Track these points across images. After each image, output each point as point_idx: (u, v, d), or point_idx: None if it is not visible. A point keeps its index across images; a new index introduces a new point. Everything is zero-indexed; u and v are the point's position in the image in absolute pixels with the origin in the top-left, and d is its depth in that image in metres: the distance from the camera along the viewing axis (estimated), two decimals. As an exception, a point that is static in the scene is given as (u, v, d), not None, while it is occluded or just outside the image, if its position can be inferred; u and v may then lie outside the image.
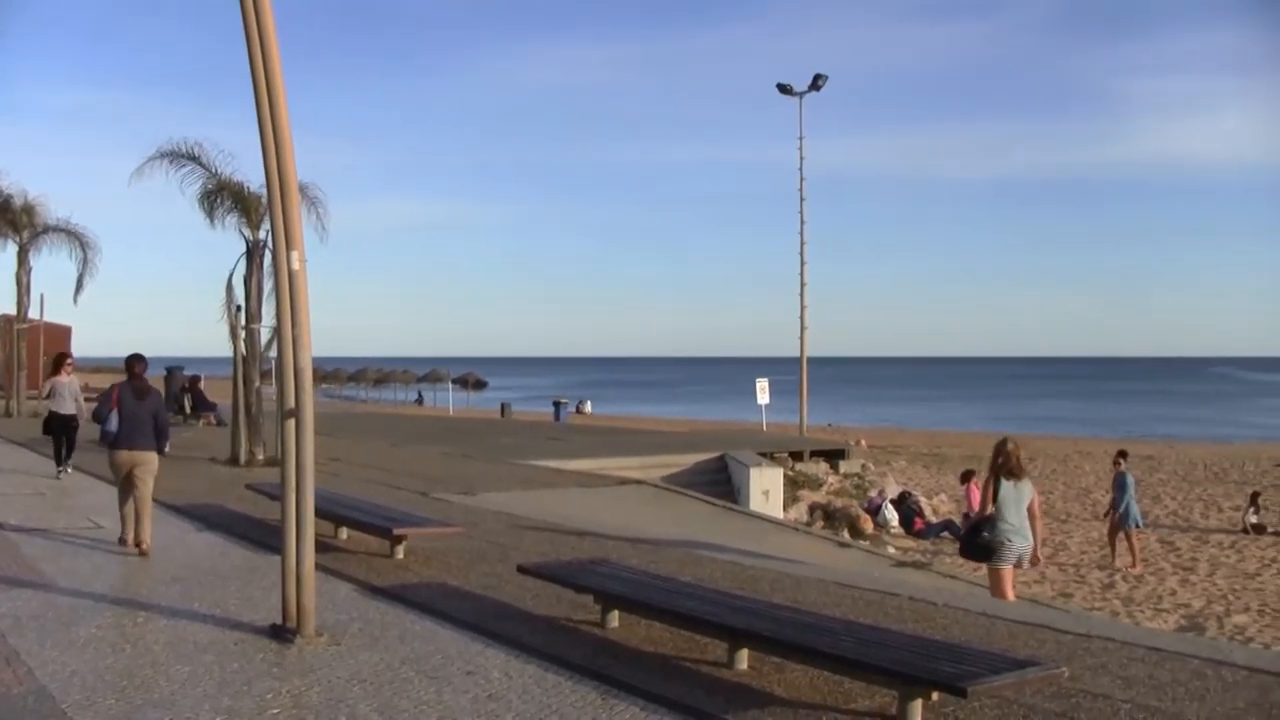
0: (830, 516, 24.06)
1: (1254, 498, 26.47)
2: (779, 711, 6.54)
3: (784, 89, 44.14)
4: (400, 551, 11.84)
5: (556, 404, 62.74)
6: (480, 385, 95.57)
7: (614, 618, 8.64)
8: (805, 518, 24.13)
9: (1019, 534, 11.84)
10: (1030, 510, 11.96)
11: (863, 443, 44.48)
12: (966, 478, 25.36)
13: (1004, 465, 11.95)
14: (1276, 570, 20.97)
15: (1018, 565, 12.09)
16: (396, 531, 11.79)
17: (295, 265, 8.25)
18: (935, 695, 6.28)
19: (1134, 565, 20.74)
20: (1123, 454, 21.89)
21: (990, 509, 11.88)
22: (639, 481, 22.32)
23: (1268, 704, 6.85)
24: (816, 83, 43.75)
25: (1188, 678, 7.45)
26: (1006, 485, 11.90)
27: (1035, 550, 12.09)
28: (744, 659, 7.45)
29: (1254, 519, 25.34)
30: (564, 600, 9.38)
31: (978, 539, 12.03)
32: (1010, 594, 11.97)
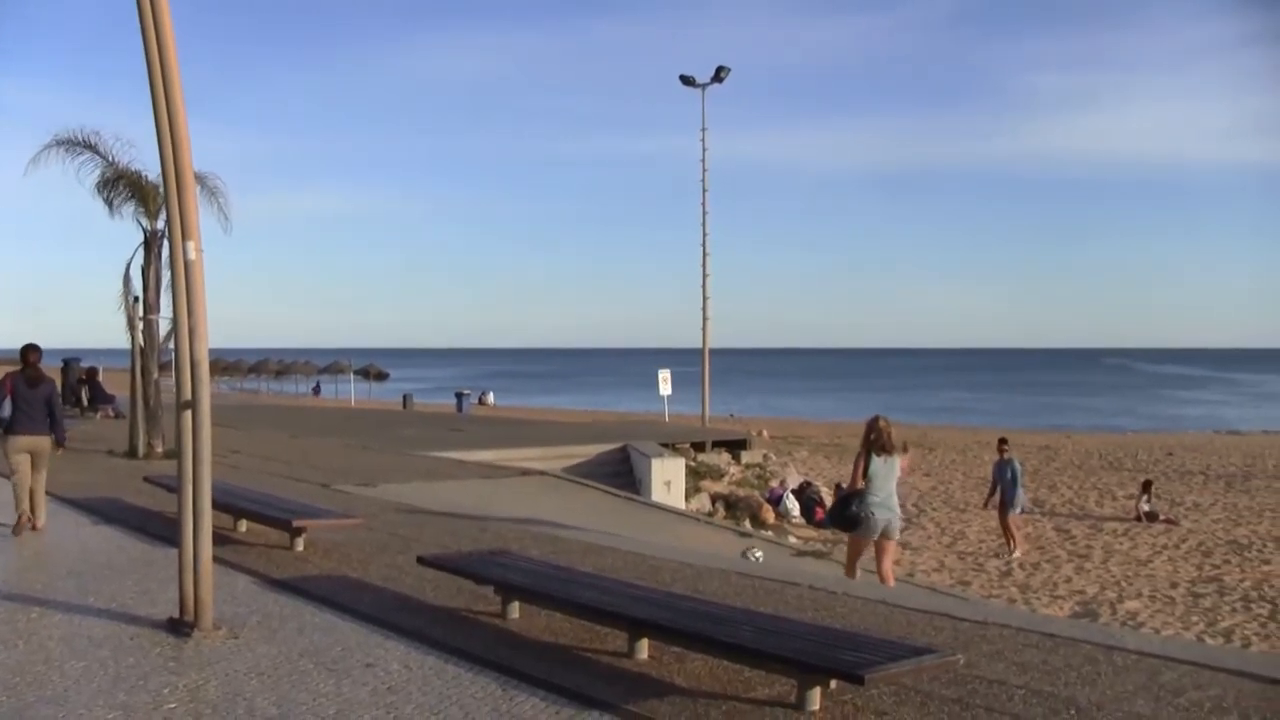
0: (732, 507, 24.18)
1: (1146, 486, 26.97)
2: (678, 701, 6.57)
3: (686, 80, 44.16)
4: (300, 544, 11.73)
5: (459, 395, 62.46)
6: (382, 377, 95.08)
7: (515, 609, 8.63)
8: (707, 508, 24.25)
9: (885, 507, 12.39)
10: (901, 479, 12.70)
11: (765, 433, 44.72)
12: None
13: (876, 441, 12.46)
14: (1167, 557, 21.39)
15: (884, 536, 12.56)
16: (296, 524, 11.69)
17: (192, 255, 8.15)
18: (834, 683, 6.33)
19: (1014, 548, 21.06)
20: (1004, 441, 22.28)
21: (861, 483, 12.36)
22: (541, 473, 22.29)
23: (1156, 686, 7.00)
24: (719, 75, 43.80)
25: (1080, 663, 7.59)
26: (877, 460, 12.39)
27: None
28: (644, 649, 7.47)
29: (1146, 507, 25.83)
30: (465, 591, 9.35)
31: (846, 510, 12.55)
32: (857, 566, 12.75)
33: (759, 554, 15.60)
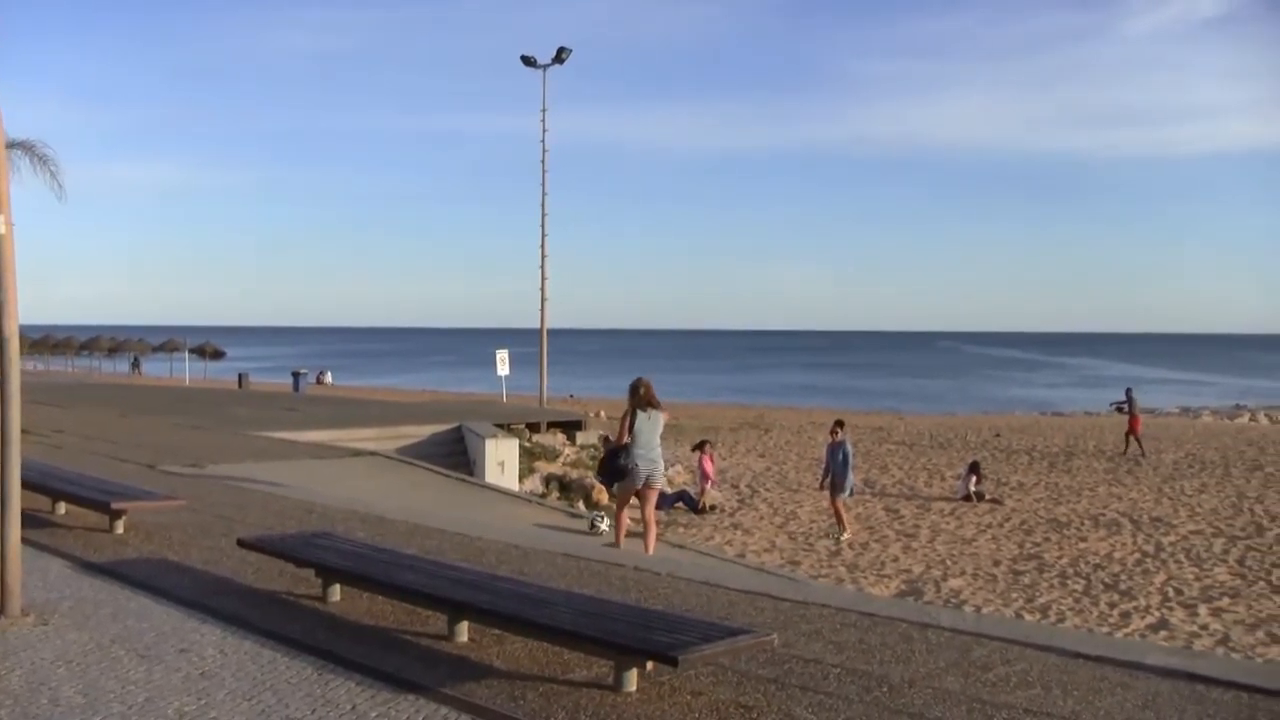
0: (566, 488, 24.19)
1: (974, 466, 27.52)
2: (495, 683, 6.56)
3: (527, 61, 43.96)
4: (120, 526, 11.46)
5: (295, 374, 61.66)
6: (218, 355, 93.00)
7: (335, 591, 8.54)
8: (540, 489, 24.24)
9: (648, 459, 13.64)
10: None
11: (602, 414, 44.84)
12: (699, 447, 25.87)
13: (638, 399, 13.73)
14: (991, 536, 21.88)
15: (648, 484, 13.78)
16: (115, 505, 11.41)
17: (1, 229, 7.90)
18: (650, 665, 6.39)
19: (844, 530, 21.38)
20: (840, 423, 22.46)
21: (627, 438, 13.59)
22: (373, 453, 22.08)
23: (966, 662, 7.18)
24: (560, 56, 43.69)
25: (896, 641, 7.75)
26: (642, 416, 13.66)
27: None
28: (464, 631, 7.45)
29: (974, 487, 26.40)
30: (286, 574, 9.24)
31: (615, 464, 13.79)
32: (625, 511, 14.11)
33: (606, 524, 15.66)
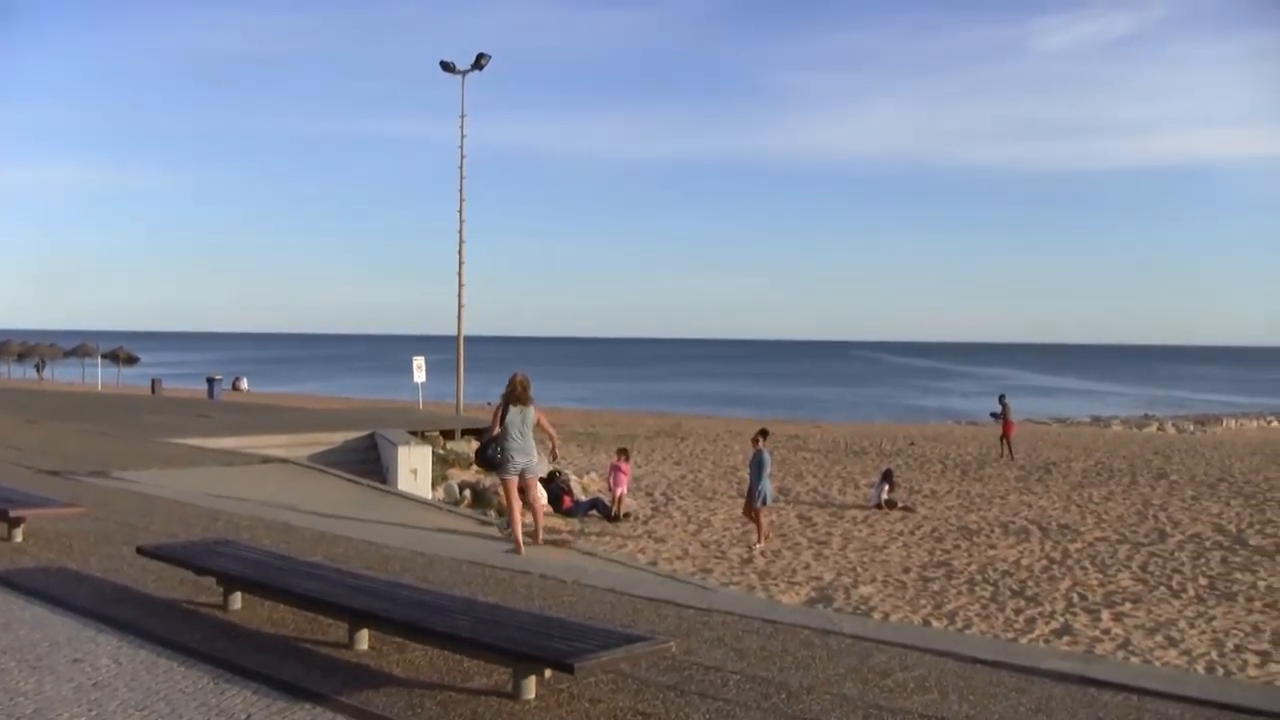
0: (479, 495, 24.07)
1: (887, 475, 27.71)
2: (394, 691, 6.52)
3: (446, 67, 43.69)
4: (19, 534, 11.29)
5: (210, 380, 60.88)
6: (132, 360, 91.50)
7: (236, 599, 8.46)
8: (453, 496, 24.10)
9: (521, 451, 14.28)
10: (540, 427, 14.56)
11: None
12: (621, 454, 25.87)
13: (511, 394, 14.32)
14: (902, 543, 22.05)
15: (525, 474, 14.46)
16: (13, 513, 11.23)
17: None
18: (548, 672, 6.38)
19: (759, 540, 21.42)
20: (763, 433, 22.46)
21: (498, 429, 14.22)
22: (284, 460, 21.89)
23: (866, 669, 7.23)
24: (479, 62, 43.47)
25: (797, 648, 7.79)
26: (514, 410, 14.26)
27: (553, 450, 15.92)
28: (364, 639, 7.40)
29: (886, 495, 26.59)
30: (188, 583, 9.13)
31: (487, 453, 14.40)
32: (516, 500, 14.37)
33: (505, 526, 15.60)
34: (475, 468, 25.25)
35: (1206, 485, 31.50)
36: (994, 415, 41.49)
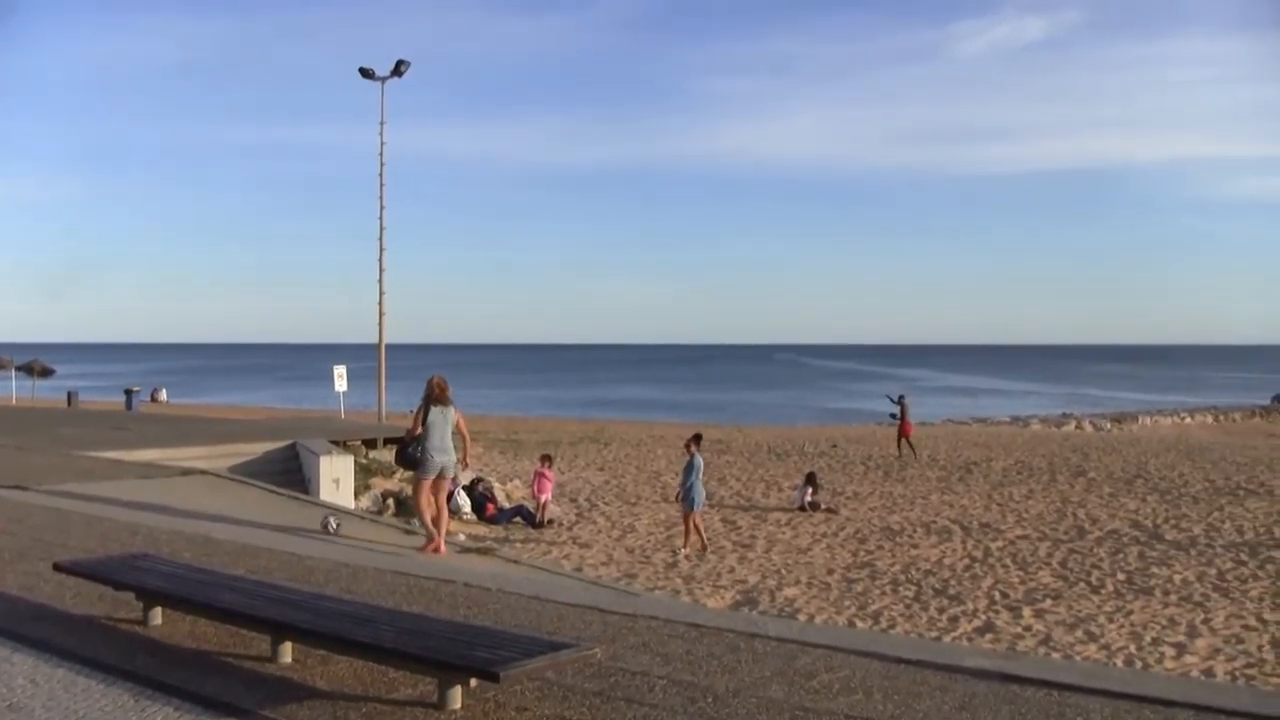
0: (402, 504, 23.90)
1: (810, 477, 27.82)
2: (319, 704, 6.47)
3: (365, 74, 43.42)
4: (-70, 553, 11.10)
5: (128, 392, 60.07)
6: (47, 373, 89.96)
7: (156, 615, 8.35)
8: (376, 506, 23.94)
9: (441, 451, 14.51)
10: (458, 429, 14.77)
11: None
12: (544, 461, 25.81)
13: (432, 395, 14.49)
14: (826, 545, 22.16)
15: (441, 476, 14.64)
16: (-75, 531, 11.05)
17: None
18: (474, 681, 6.36)
19: (685, 545, 21.43)
20: (696, 438, 22.44)
21: (419, 430, 14.43)
22: (204, 472, 21.61)
23: (791, 671, 7.27)
24: (399, 69, 43.24)
25: (722, 651, 7.81)
26: (434, 411, 14.44)
27: (464, 458, 15.26)
28: (288, 652, 7.34)
29: (810, 497, 26.71)
30: (107, 599, 8.99)
31: (408, 453, 14.58)
32: (426, 500, 14.73)
33: (335, 523, 15.33)
34: (399, 476, 25.14)
35: (1123, 482, 31.95)
36: (892, 416, 42.32)
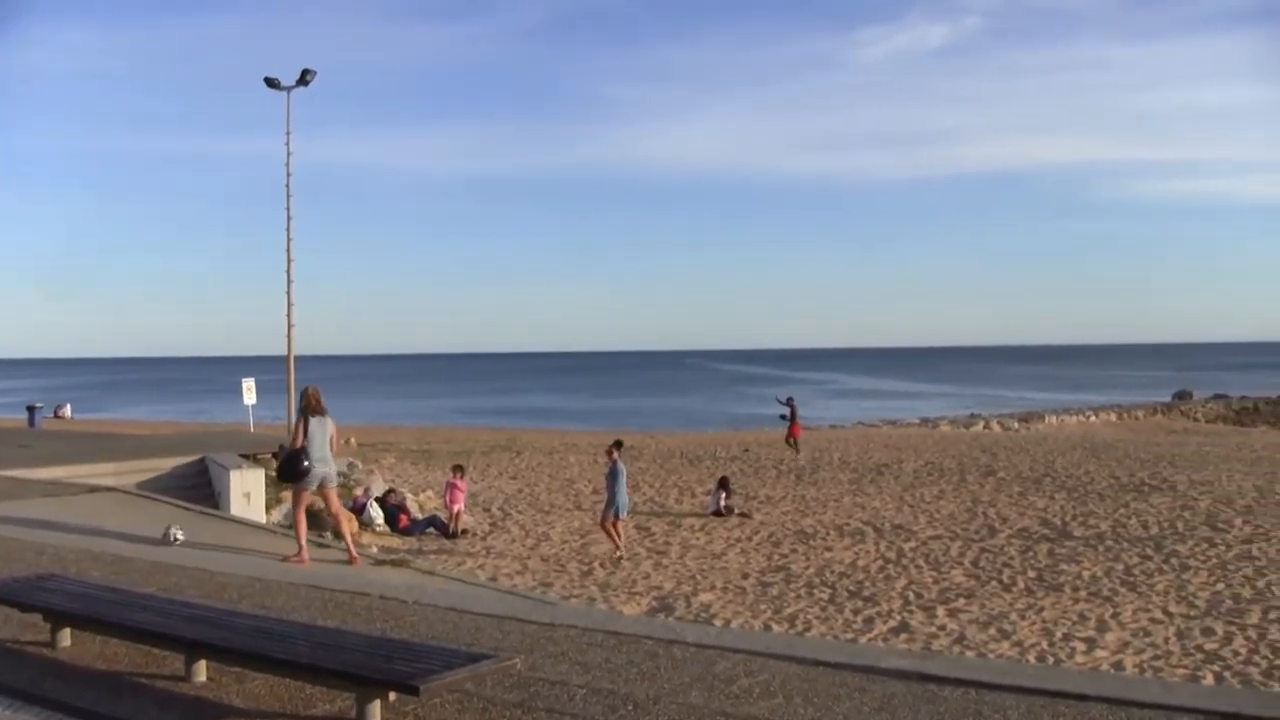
0: (314, 517, 23.65)
1: (723, 482, 27.89)
2: (234, 723, 6.41)
3: (271, 83, 42.92)
4: None
5: (31, 408, 58.92)
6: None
7: (65, 636, 8.20)
8: (288, 520, 23.64)
9: (322, 461, 14.57)
10: (332, 440, 14.85)
11: (353, 440, 44.18)
12: (457, 470, 25.66)
13: (308, 407, 14.62)
14: (740, 549, 22.21)
15: (322, 486, 14.81)
16: None
17: None
18: (393, 695, 6.31)
19: (619, 549, 21.40)
20: (618, 444, 22.37)
21: (301, 441, 14.41)
22: (112, 489, 21.28)
23: (710, 677, 7.29)
24: (304, 78, 42.76)
25: (641, 659, 7.82)
26: (314, 422, 14.53)
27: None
28: (202, 670, 7.24)
29: (723, 502, 26.76)
30: (13, 621, 8.82)
31: (294, 466, 14.46)
32: (303, 511, 14.92)
33: (179, 533, 15.11)
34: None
35: (1032, 481, 32.34)
36: (782, 418, 43.60)
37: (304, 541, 14.77)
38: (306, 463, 14.40)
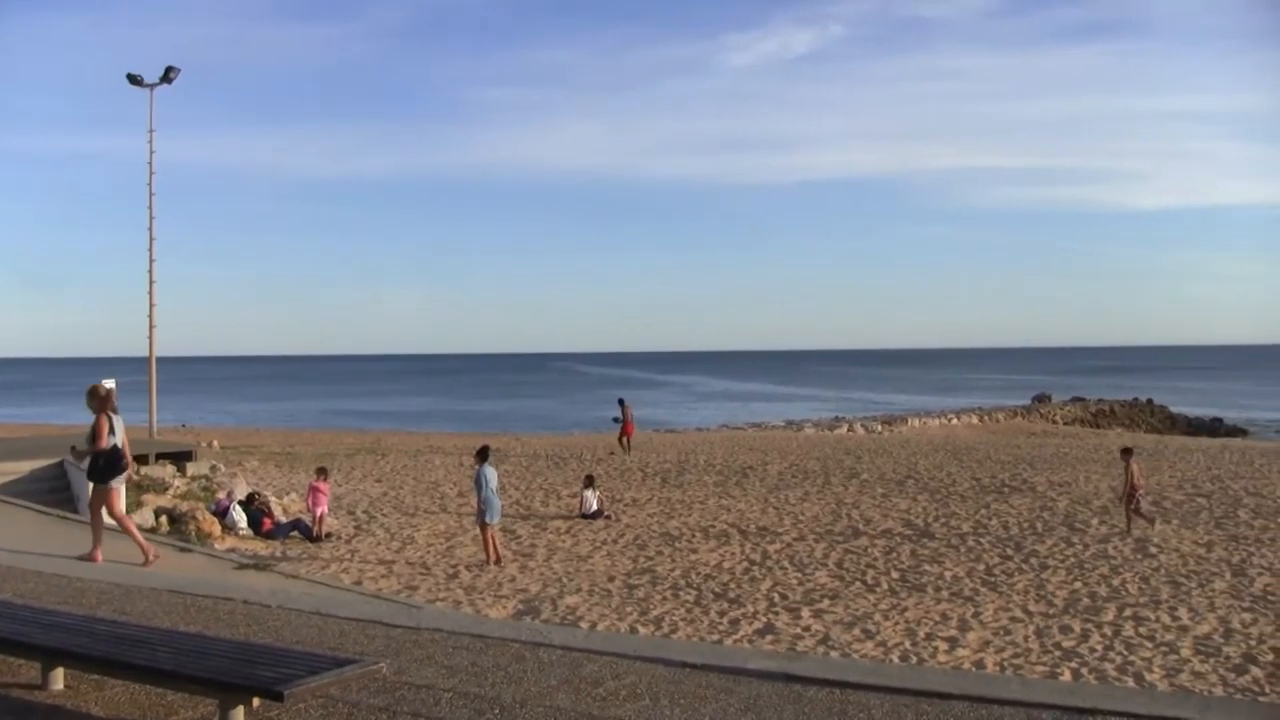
0: (176, 521, 23.26)
1: (589, 481, 27.96)
2: (93, 731, 6.30)
3: (134, 80, 42.19)
4: None
5: None
6: None
7: (-87, 647, 8.00)
8: (150, 523, 23.26)
9: (124, 459, 14.65)
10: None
11: (216, 444, 43.54)
12: (320, 474, 25.37)
13: (109, 404, 14.66)
14: (606, 552, 22.25)
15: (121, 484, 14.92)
16: None
17: None
18: (257, 701, 6.24)
19: (494, 560, 21.25)
20: (483, 450, 22.24)
21: (106, 441, 14.39)
22: (-38, 493, 20.77)
23: (577, 679, 7.32)
24: (168, 75, 42.05)
25: (508, 662, 7.82)
26: (116, 420, 14.60)
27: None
28: (59, 678, 7.11)
29: (594, 506, 26.79)
30: None
31: (116, 465, 14.57)
32: (120, 505, 15.19)
33: None
34: (172, 493, 24.53)
35: (895, 482, 32.86)
36: (616, 420, 45.15)
37: (100, 537, 14.65)
38: (115, 461, 14.46)
